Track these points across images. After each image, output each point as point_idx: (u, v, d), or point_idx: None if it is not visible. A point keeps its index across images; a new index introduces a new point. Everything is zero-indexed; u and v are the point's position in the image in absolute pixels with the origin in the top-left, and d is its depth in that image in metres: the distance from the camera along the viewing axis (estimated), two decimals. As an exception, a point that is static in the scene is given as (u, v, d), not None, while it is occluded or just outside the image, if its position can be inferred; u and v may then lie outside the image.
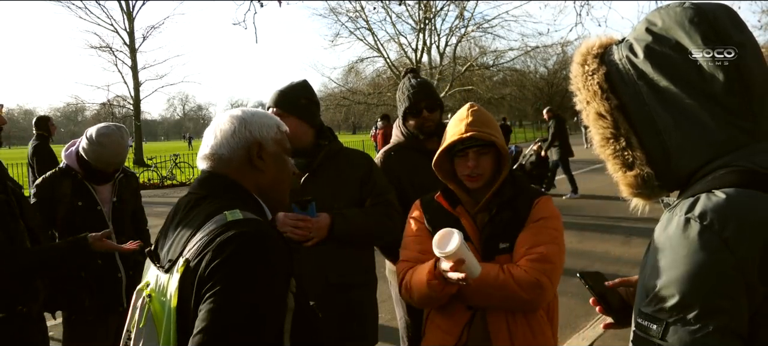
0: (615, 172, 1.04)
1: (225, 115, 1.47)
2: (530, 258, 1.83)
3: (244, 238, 1.19)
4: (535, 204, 1.94)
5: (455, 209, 2.00)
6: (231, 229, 1.21)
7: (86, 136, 2.95)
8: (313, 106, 2.36)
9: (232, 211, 1.26)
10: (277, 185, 1.46)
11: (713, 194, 0.87)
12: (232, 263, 1.16)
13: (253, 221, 1.26)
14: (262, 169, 1.41)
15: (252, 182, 1.41)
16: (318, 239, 2.19)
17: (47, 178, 2.98)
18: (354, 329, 2.30)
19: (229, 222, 1.23)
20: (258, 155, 1.41)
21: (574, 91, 1.09)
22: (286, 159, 1.49)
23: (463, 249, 1.74)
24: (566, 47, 33.44)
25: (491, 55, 39.59)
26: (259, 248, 1.20)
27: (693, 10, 0.95)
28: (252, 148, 1.40)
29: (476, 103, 2.05)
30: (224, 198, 1.33)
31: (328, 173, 2.32)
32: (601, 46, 1.07)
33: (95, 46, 30.81)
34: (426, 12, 37.39)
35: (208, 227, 1.24)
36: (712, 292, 0.82)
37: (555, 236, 1.89)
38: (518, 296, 1.80)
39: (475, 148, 1.93)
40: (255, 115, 1.46)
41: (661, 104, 0.96)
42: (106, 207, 3.02)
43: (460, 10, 36.65)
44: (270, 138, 1.44)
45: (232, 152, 1.40)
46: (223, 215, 1.25)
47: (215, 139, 1.41)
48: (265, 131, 1.44)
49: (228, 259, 1.16)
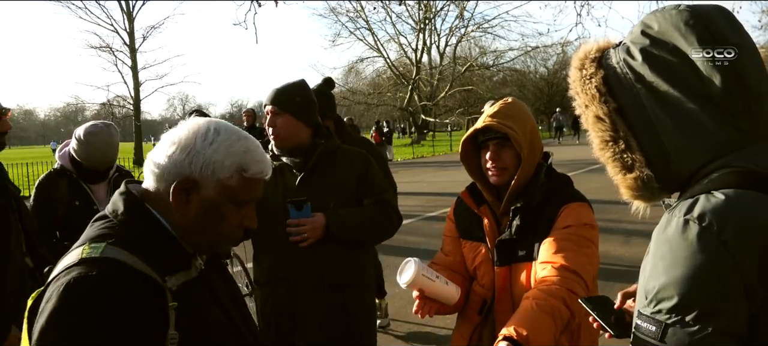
0: (615, 174, 1.04)
1: (191, 121, 1.20)
2: (548, 273, 1.68)
3: (71, 290, 1.00)
4: (562, 211, 1.79)
5: (480, 207, 1.95)
6: (74, 269, 1.03)
7: (75, 136, 2.95)
8: (309, 104, 2.35)
9: (95, 245, 1.07)
10: (200, 235, 1.18)
11: (712, 195, 0.87)
12: (47, 328, 0.99)
13: (104, 263, 1.04)
14: (180, 212, 1.15)
15: (172, 215, 1.16)
16: (313, 239, 2.19)
17: (43, 180, 2.98)
18: (350, 329, 2.30)
19: (78, 260, 1.05)
20: (183, 190, 1.14)
21: (573, 96, 1.09)
22: (224, 211, 1.17)
23: (422, 280, 1.73)
24: (566, 47, 33.54)
25: (491, 55, 39.75)
26: (85, 306, 0.99)
27: (688, 12, 0.96)
28: (179, 182, 1.13)
29: (514, 98, 1.95)
30: (118, 225, 1.13)
31: (325, 171, 2.32)
32: (598, 50, 1.08)
33: (95, 46, 30.85)
34: (426, 12, 37.44)
35: (65, 260, 1.08)
36: (711, 294, 0.82)
37: (581, 243, 1.73)
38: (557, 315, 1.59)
39: (495, 140, 1.85)
40: (216, 144, 1.15)
41: (660, 106, 0.96)
42: (103, 206, 3.01)
43: (460, 10, 36.74)
44: (215, 180, 1.15)
45: (163, 176, 1.15)
46: (82, 249, 1.07)
47: (160, 151, 1.18)
48: (212, 170, 1.14)
49: (46, 323, 0.99)
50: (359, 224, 2.29)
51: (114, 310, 1.00)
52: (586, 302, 1.31)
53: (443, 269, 1.99)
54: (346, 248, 2.29)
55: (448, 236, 2.06)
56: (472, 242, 1.95)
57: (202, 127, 1.17)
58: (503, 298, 1.85)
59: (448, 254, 2.01)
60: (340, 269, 2.28)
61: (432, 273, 1.79)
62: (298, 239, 2.20)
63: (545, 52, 41.87)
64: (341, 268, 2.28)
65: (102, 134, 2.92)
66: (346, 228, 2.25)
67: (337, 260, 2.27)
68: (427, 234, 7.90)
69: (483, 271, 1.90)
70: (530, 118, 1.90)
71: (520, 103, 1.94)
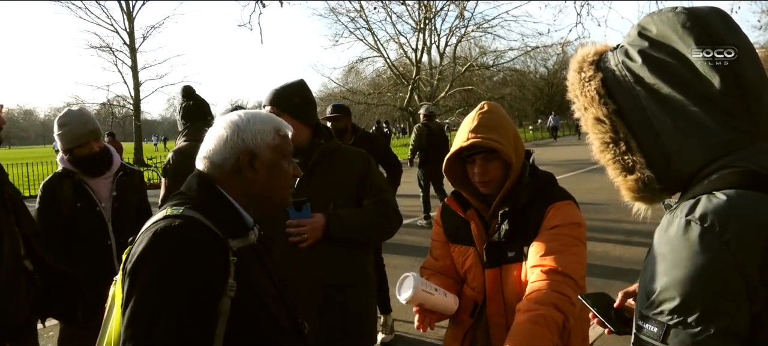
0: (615, 176, 1.04)
1: (223, 120, 1.46)
2: (537, 277, 1.68)
3: (161, 234, 1.25)
4: (548, 211, 1.80)
5: (466, 212, 1.94)
6: (161, 222, 1.28)
7: (56, 135, 3.00)
8: (308, 105, 2.35)
9: (176, 207, 1.32)
10: (269, 192, 1.46)
11: (714, 196, 0.87)
12: (142, 259, 1.23)
13: (185, 218, 1.28)
14: (251, 179, 1.42)
15: (238, 188, 1.41)
16: (313, 240, 2.19)
17: (48, 183, 3.01)
18: (351, 330, 2.30)
19: (163, 216, 1.30)
20: (249, 163, 1.41)
21: (572, 99, 1.09)
22: (282, 165, 1.47)
23: (421, 295, 1.73)
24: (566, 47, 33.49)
25: (491, 55, 39.73)
26: (174, 244, 1.23)
27: (685, 14, 0.97)
28: (242, 157, 1.40)
29: (490, 103, 1.92)
30: (193, 197, 1.36)
31: (325, 172, 2.31)
32: (596, 53, 1.08)
33: (95, 46, 30.85)
34: (426, 12, 37.43)
35: (150, 220, 1.33)
36: (713, 294, 0.82)
37: (569, 243, 1.73)
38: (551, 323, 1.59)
39: (481, 154, 1.84)
40: (251, 121, 1.44)
41: (660, 107, 0.96)
42: (105, 205, 3.01)
43: (460, 10, 36.72)
44: (265, 145, 1.43)
45: (223, 160, 1.41)
46: (164, 211, 1.33)
47: (211, 145, 1.43)
48: (260, 138, 1.43)
49: (141, 256, 1.23)
50: (359, 225, 2.28)
51: (193, 249, 1.24)
52: (586, 299, 1.32)
53: (434, 273, 2.01)
54: (347, 248, 2.29)
55: (436, 241, 2.06)
56: (461, 246, 1.95)
57: (234, 115, 1.45)
58: (495, 299, 1.86)
59: (438, 259, 2.02)
60: (340, 269, 2.27)
61: (430, 286, 1.79)
62: (297, 239, 2.19)
63: (545, 52, 41.92)
64: (341, 268, 2.28)
65: (71, 112, 3.02)
66: (345, 228, 2.24)
67: (337, 261, 2.27)
68: (426, 235, 7.89)
69: (473, 274, 1.90)
70: (510, 123, 1.89)
71: (496, 108, 1.91)
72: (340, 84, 39.83)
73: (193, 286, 1.21)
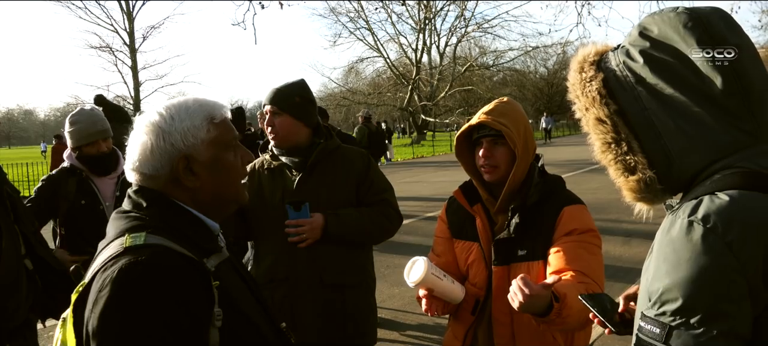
0: (617, 177, 1.03)
1: (142, 122, 1.23)
2: (567, 279, 1.66)
3: (126, 276, 1.04)
4: (562, 213, 1.80)
5: (473, 206, 1.94)
6: (121, 258, 1.07)
7: (66, 132, 3.03)
8: (309, 104, 2.35)
9: (136, 234, 1.11)
10: (220, 194, 1.25)
11: (716, 197, 0.87)
12: (108, 316, 1.02)
13: (150, 249, 1.08)
14: (194, 186, 1.21)
15: (183, 198, 1.21)
16: (312, 240, 2.19)
17: (53, 176, 3.06)
18: (350, 330, 2.29)
19: (123, 249, 1.08)
20: (186, 169, 1.19)
21: (573, 99, 1.09)
22: (226, 159, 1.25)
23: (431, 279, 1.73)
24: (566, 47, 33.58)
25: (491, 55, 39.81)
26: (146, 287, 1.04)
27: (687, 14, 0.96)
28: (176, 164, 1.19)
29: (510, 98, 1.96)
30: (146, 217, 1.16)
31: (324, 171, 2.31)
32: (597, 54, 1.08)
33: (95, 46, 30.93)
34: (426, 12, 37.46)
35: (105, 252, 1.12)
36: (716, 296, 0.82)
37: (591, 250, 1.76)
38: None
39: (489, 137, 1.86)
40: (176, 118, 1.20)
41: (662, 108, 0.96)
42: (108, 204, 3.06)
43: (461, 10, 36.77)
44: (200, 142, 1.20)
45: (155, 170, 1.19)
46: (123, 239, 1.11)
47: (136, 154, 1.20)
48: (192, 136, 1.19)
49: (106, 310, 1.02)
50: (358, 224, 2.28)
51: (169, 290, 1.05)
52: (586, 299, 1.32)
53: None
54: (346, 248, 2.29)
55: (439, 237, 2.06)
56: (465, 242, 1.95)
57: (154, 115, 1.22)
58: (501, 297, 1.82)
59: (440, 255, 2.01)
60: (340, 269, 2.27)
61: (439, 272, 1.80)
62: (296, 239, 2.19)
63: (545, 53, 42.00)
64: (341, 268, 2.28)
65: (83, 111, 3.07)
66: (345, 228, 2.24)
67: (337, 261, 2.26)
68: (427, 234, 7.88)
69: (475, 270, 1.90)
70: (524, 118, 1.91)
71: (514, 102, 1.94)
72: (340, 84, 39.86)
73: (176, 330, 1.04)
